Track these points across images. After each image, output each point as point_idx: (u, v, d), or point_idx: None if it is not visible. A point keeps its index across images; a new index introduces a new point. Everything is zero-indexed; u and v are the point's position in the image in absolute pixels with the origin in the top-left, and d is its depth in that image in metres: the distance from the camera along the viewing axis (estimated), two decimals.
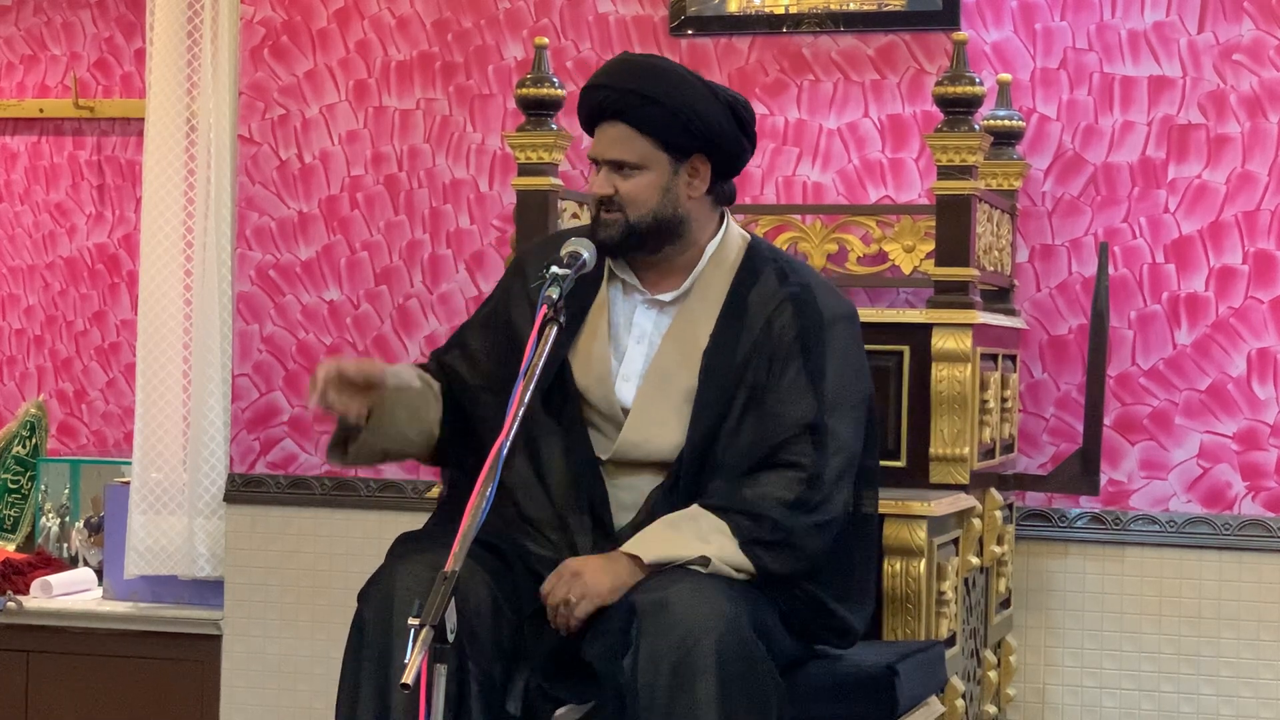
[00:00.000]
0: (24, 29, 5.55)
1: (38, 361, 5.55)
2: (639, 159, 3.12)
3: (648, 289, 3.20)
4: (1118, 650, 4.26)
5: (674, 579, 2.91)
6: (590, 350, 3.17)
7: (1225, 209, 4.21)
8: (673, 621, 2.83)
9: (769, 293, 3.16)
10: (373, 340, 4.72)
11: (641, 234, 3.13)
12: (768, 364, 3.11)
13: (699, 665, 2.81)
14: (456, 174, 4.67)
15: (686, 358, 3.14)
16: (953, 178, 3.78)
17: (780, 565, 3.03)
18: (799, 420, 3.08)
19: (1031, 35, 4.30)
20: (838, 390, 3.12)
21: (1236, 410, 4.19)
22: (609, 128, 3.14)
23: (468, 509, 2.57)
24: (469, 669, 2.92)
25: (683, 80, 3.14)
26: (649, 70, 3.16)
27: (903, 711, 3.20)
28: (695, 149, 3.13)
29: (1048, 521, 4.29)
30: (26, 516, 5.33)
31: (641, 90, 3.11)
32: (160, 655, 4.85)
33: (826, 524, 3.07)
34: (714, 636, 2.82)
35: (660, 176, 3.13)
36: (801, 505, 3.04)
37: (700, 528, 3.02)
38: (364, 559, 4.60)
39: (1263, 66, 4.18)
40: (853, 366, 3.18)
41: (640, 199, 3.13)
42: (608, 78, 3.17)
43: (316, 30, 4.77)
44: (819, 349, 3.13)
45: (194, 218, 4.83)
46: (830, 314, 3.17)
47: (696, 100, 3.12)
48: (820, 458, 3.07)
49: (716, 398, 3.10)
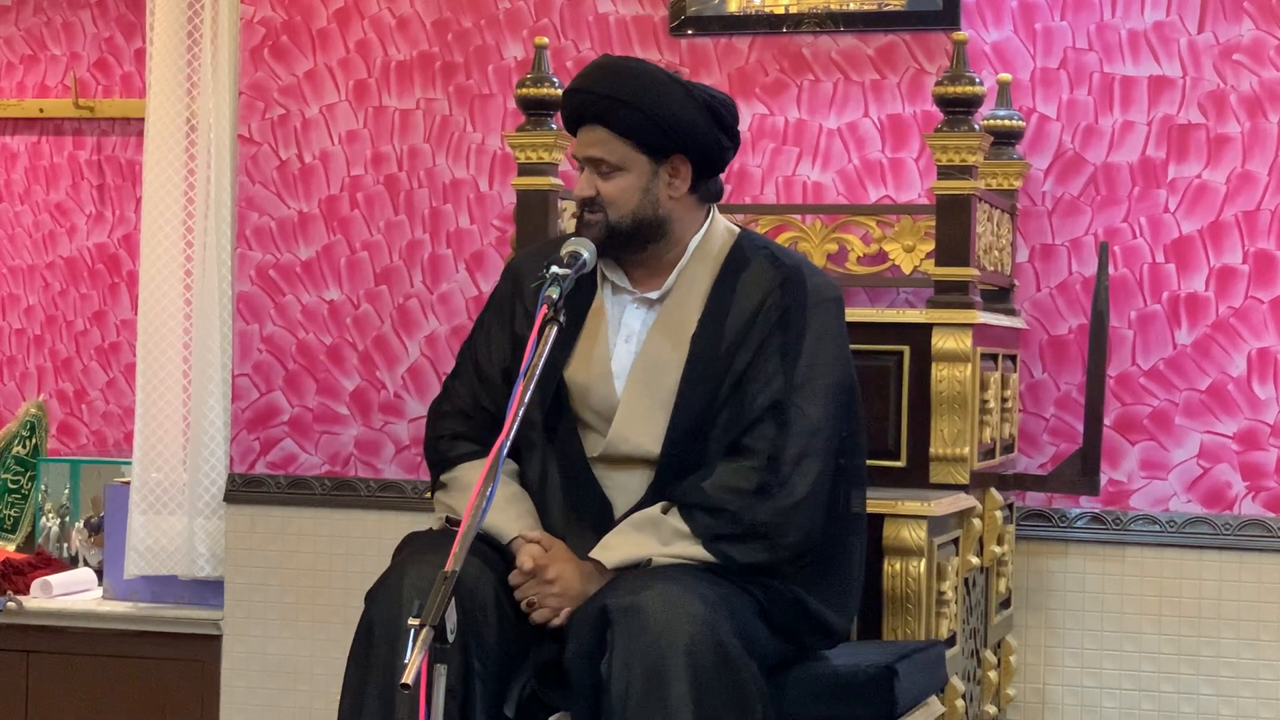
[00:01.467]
0: (24, 29, 5.55)
1: (38, 361, 5.55)
2: (618, 160, 3.15)
3: (636, 288, 3.21)
4: (1118, 650, 4.26)
5: (647, 581, 2.92)
6: (590, 351, 3.18)
7: (1225, 209, 4.21)
8: (645, 625, 2.84)
9: (761, 274, 3.18)
10: (373, 340, 4.72)
11: (623, 234, 3.16)
12: (754, 348, 3.12)
13: (672, 669, 2.81)
14: (456, 174, 4.67)
15: (674, 351, 3.15)
16: (953, 178, 3.78)
17: (750, 556, 3.03)
18: (764, 403, 3.09)
19: (1031, 35, 4.30)
20: (809, 370, 3.12)
21: (1236, 410, 4.19)
22: (589, 130, 3.17)
23: (468, 509, 2.58)
24: (475, 669, 2.93)
25: (659, 83, 3.15)
26: (625, 74, 3.17)
27: (902, 711, 3.20)
28: (673, 150, 3.15)
29: (1048, 521, 4.29)
30: (26, 516, 5.33)
31: (617, 95, 3.13)
32: (160, 655, 4.84)
33: (795, 506, 3.05)
34: (686, 640, 2.82)
35: (640, 178, 3.15)
36: (762, 491, 3.04)
37: (662, 532, 3.03)
38: (364, 559, 4.62)
39: (1263, 66, 4.18)
40: (830, 349, 3.17)
41: (620, 200, 3.15)
42: (586, 81, 3.19)
43: (316, 30, 4.77)
44: (799, 328, 3.14)
45: (194, 218, 4.83)
46: (816, 295, 3.18)
47: (673, 103, 3.13)
48: (780, 438, 3.07)
49: (701, 388, 3.11)
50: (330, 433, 4.75)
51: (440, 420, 3.28)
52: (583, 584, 3.02)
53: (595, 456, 3.15)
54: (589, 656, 2.89)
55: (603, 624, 2.88)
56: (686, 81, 3.20)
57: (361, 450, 4.73)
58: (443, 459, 3.24)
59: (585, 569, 3.05)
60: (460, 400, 3.26)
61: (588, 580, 3.03)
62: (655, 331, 3.17)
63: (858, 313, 3.96)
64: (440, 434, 3.26)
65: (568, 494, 3.16)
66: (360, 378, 4.73)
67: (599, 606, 2.91)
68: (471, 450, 3.20)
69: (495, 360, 3.24)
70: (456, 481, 3.19)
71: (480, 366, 3.26)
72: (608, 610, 2.88)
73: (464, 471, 3.18)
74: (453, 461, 3.22)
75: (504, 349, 3.24)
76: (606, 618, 2.88)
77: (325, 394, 4.75)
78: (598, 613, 2.90)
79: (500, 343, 3.25)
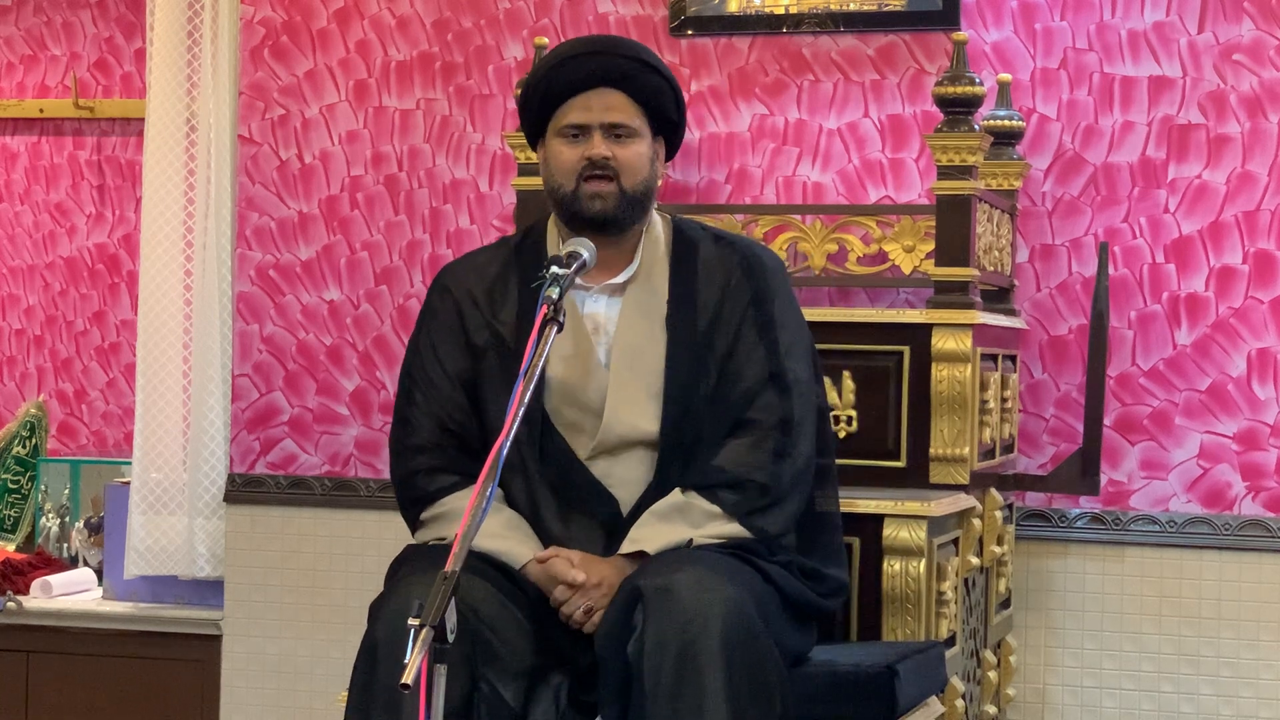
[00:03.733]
0: (24, 29, 5.55)
1: (38, 361, 5.55)
2: (636, 126, 3.12)
3: (590, 282, 3.15)
4: (1118, 650, 4.26)
5: (678, 563, 2.92)
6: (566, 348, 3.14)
7: (1225, 209, 4.21)
8: (678, 607, 2.83)
9: (715, 256, 3.20)
10: (373, 340, 4.72)
11: (633, 204, 3.12)
12: (733, 328, 3.14)
13: (705, 652, 2.81)
14: (456, 174, 4.67)
15: (651, 334, 3.14)
16: (953, 178, 3.78)
17: (779, 524, 3.09)
18: (758, 375, 3.11)
19: (1031, 35, 4.30)
20: (788, 336, 3.18)
21: (1236, 410, 4.19)
22: (602, 94, 3.11)
23: (468, 509, 2.57)
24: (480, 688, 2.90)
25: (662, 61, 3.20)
26: (637, 44, 3.21)
27: (902, 712, 3.20)
28: (663, 130, 3.18)
29: (1048, 521, 4.29)
30: (26, 516, 5.33)
31: (642, 58, 3.13)
32: (160, 655, 4.85)
33: (804, 470, 3.13)
34: (720, 623, 2.82)
35: (648, 149, 3.15)
36: (779, 455, 3.09)
37: (691, 516, 3.03)
38: (364, 559, 4.62)
39: (1263, 66, 4.18)
40: (794, 314, 3.25)
41: (636, 166, 3.11)
42: (602, 45, 3.18)
43: (316, 30, 4.77)
44: (768, 301, 3.18)
45: (194, 218, 4.83)
46: (772, 266, 3.23)
47: (676, 82, 3.19)
48: (785, 402, 3.12)
49: (687, 366, 3.12)
50: (330, 433, 4.75)
51: (408, 456, 3.17)
52: (620, 579, 2.99)
53: (588, 455, 3.13)
54: (618, 638, 2.88)
55: (631, 605, 2.87)
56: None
57: (361, 450, 4.73)
58: (422, 494, 3.15)
59: (618, 564, 3.03)
60: (424, 431, 3.16)
61: (624, 574, 3.00)
62: (627, 318, 3.16)
63: (858, 313, 3.97)
64: (414, 470, 3.16)
65: (564, 501, 3.14)
66: (360, 378, 4.73)
67: (631, 587, 2.90)
68: (452, 482, 3.13)
69: (452, 374, 3.17)
70: (443, 516, 3.12)
71: (436, 386, 3.17)
72: (640, 590, 2.86)
73: (453, 502, 3.11)
74: (433, 496, 3.14)
75: (459, 361, 3.17)
76: (637, 598, 2.86)
77: (325, 394, 4.75)
78: (627, 595, 2.89)
79: (453, 355, 3.17)
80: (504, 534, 3.07)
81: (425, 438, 3.16)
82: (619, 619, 2.89)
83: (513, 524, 3.11)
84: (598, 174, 3.10)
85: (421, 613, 2.40)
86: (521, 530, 3.11)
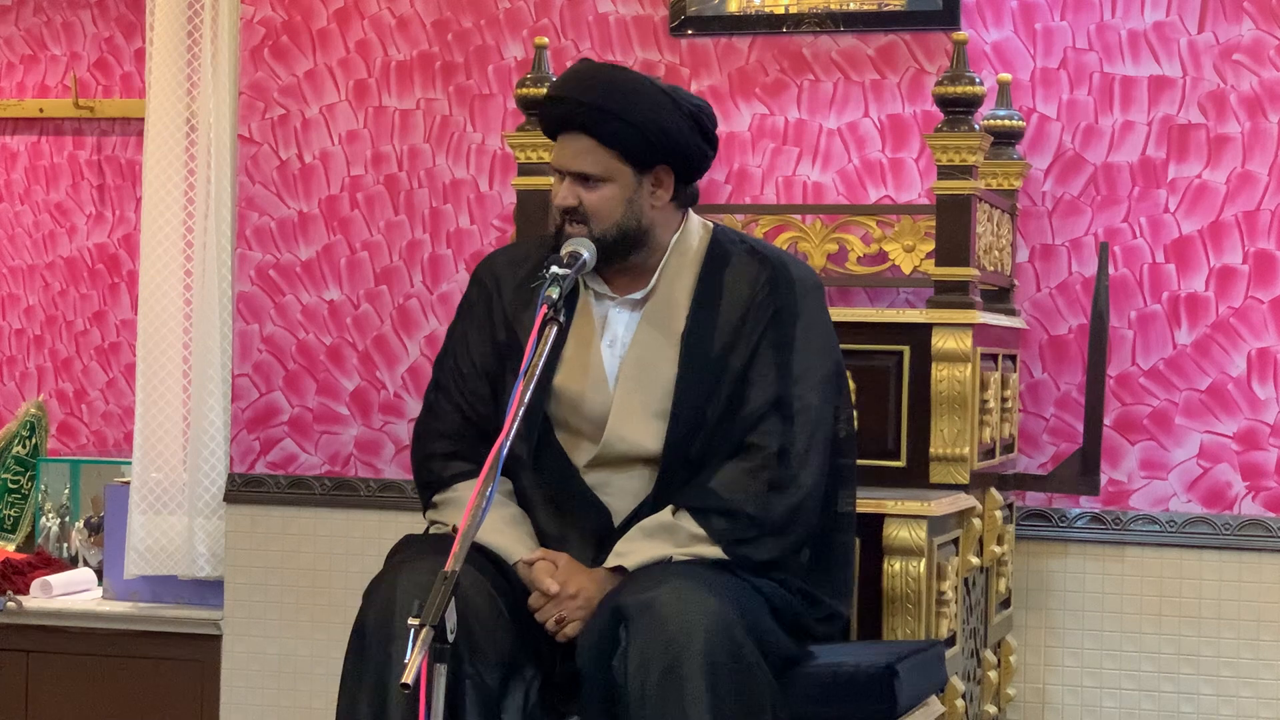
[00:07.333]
0: (24, 29, 5.55)
1: (38, 361, 5.55)
2: (603, 172, 3.09)
3: (616, 292, 3.18)
4: (1118, 650, 4.25)
5: (661, 578, 2.92)
6: (578, 357, 3.15)
7: (1225, 209, 4.21)
8: (661, 623, 2.83)
9: (744, 269, 3.17)
10: (373, 340, 4.72)
11: (607, 246, 3.11)
12: (750, 348, 3.11)
13: (689, 667, 2.81)
14: (456, 174, 4.67)
15: (665, 350, 3.13)
16: (953, 178, 3.78)
17: (765, 553, 3.06)
18: (765, 399, 3.09)
19: (1031, 35, 4.30)
20: (804, 362, 3.13)
21: (1236, 410, 4.19)
22: (572, 139, 3.10)
23: (467, 509, 2.57)
24: (465, 674, 2.91)
25: (645, 93, 3.10)
26: (610, 83, 3.11)
27: (902, 711, 3.20)
28: (658, 161, 3.11)
29: (1048, 521, 4.29)
30: (26, 516, 5.33)
31: (606, 106, 3.06)
32: (160, 655, 4.85)
33: (802, 502, 3.08)
34: (702, 638, 2.82)
35: (624, 189, 3.10)
36: (775, 487, 3.06)
37: (677, 536, 3.03)
38: (364, 559, 4.62)
39: (1263, 66, 4.18)
40: (820, 338, 3.18)
41: (604, 211, 3.09)
42: (570, 88, 3.11)
43: (316, 30, 4.77)
44: (790, 321, 3.14)
45: (194, 218, 4.83)
46: (802, 287, 3.19)
47: (659, 114, 3.08)
48: (788, 431, 3.08)
49: (698, 385, 3.10)
50: (330, 433, 4.75)
51: (429, 440, 3.23)
52: (600, 592, 3.01)
53: (586, 464, 3.13)
54: (602, 654, 2.88)
55: (615, 621, 2.88)
56: (669, 88, 3.15)
57: (361, 450, 4.73)
58: (437, 479, 3.21)
59: (599, 576, 3.05)
60: (447, 418, 3.22)
61: (603, 587, 3.02)
62: (643, 332, 3.15)
63: (858, 313, 3.97)
64: (431, 454, 3.22)
65: (558, 507, 3.15)
66: (360, 378, 4.73)
67: (613, 605, 2.90)
68: (466, 469, 3.16)
69: (479, 366, 3.20)
70: (453, 501, 3.16)
71: (464, 377, 3.21)
72: (623, 608, 2.87)
73: (462, 490, 3.15)
74: (447, 482, 3.19)
75: (486, 355, 3.20)
76: (620, 615, 2.87)
77: (325, 394, 4.75)
78: (611, 611, 2.90)
79: (481, 349, 3.21)
80: (503, 529, 3.09)
81: (447, 425, 3.21)
82: (603, 635, 2.89)
83: (513, 520, 3.13)
84: (569, 218, 3.11)
85: (422, 612, 2.40)
86: (521, 528, 3.12)
